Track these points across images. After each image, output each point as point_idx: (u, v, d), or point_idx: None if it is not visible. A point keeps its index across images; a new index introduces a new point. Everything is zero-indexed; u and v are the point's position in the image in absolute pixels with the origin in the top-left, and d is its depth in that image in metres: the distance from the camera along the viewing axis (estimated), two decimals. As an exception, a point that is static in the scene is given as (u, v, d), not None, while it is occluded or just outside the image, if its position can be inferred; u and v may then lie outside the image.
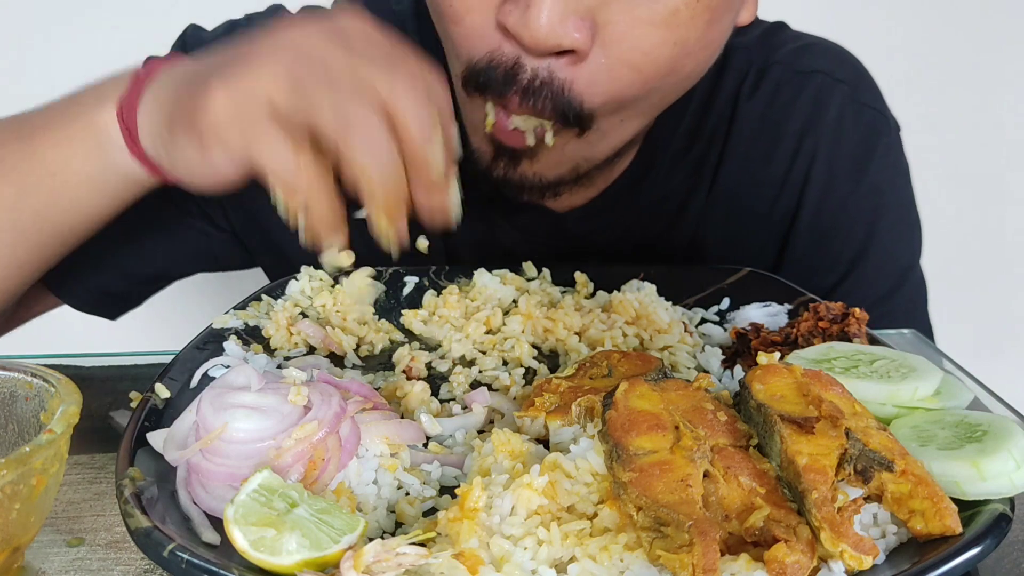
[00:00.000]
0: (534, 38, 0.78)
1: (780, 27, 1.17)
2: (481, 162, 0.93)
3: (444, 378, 0.84)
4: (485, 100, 0.87)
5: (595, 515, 0.58)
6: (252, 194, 0.80)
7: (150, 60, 1.12)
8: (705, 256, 1.13)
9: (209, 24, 1.15)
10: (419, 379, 0.82)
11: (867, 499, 0.57)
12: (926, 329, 1.15)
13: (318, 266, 0.99)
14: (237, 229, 1.15)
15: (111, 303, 1.15)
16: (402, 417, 0.74)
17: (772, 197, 1.11)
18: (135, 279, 1.14)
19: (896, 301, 1.12)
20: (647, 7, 0.80)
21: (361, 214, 0.66)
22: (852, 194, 1.11)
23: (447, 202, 0.68)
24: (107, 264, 1.07)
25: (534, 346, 0.90)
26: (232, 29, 1.13)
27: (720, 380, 0.82)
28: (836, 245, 1.12)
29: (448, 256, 1.12)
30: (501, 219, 1.11)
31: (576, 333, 0.90)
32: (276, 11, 1.16)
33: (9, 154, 0.84)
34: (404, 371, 0.84)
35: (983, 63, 1.97)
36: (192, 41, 1.12)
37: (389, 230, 0.66)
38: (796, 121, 1.10)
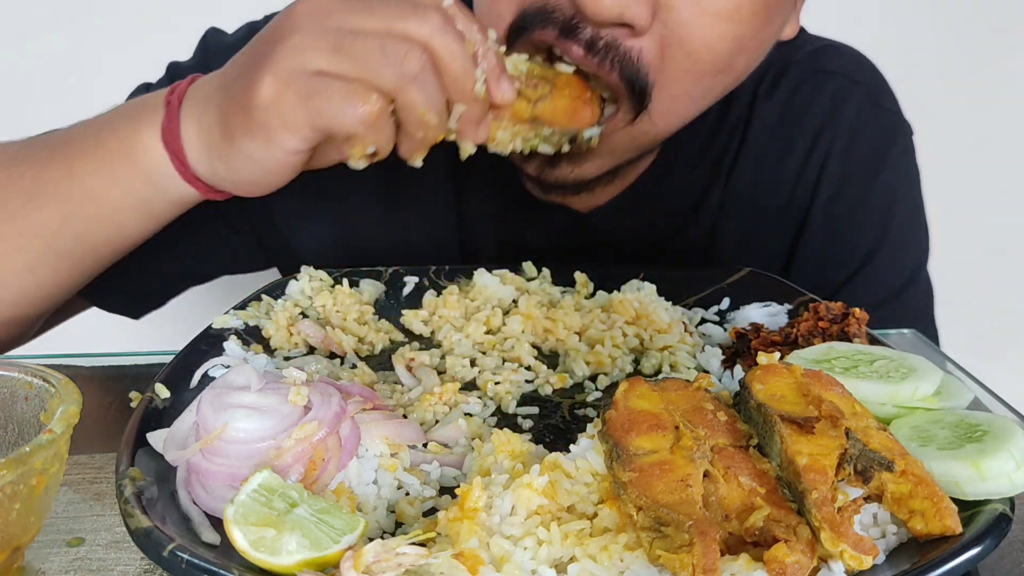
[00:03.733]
0: (597, 4, 0.79)
1: (798, 30, 1.17)
2: (516, 161, 0.94)
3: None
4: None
5: (595, 515, 0.58)
6: (270, 195, 0.81)
7: (173, 67, 1.13)
8: (720, 251, 1.14)
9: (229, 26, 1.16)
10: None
11: (867, 499, 0.57)
12: (932, 331, 1.15)
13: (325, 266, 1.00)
14: (257, 230, 1.16)
15: (138, 303, 1.16)
16: (404, 416, 0.74)
17: (787, 193, 1.12)
18: (163, 281, 1.15)
19: (904, 301, 1.13)
20: None
21: None
22: (866, 193, 1.12)
23: (487, 128, 0.76)
24: (135, 267, 1.07)
25: (534, 346, 0.90)
26: (252, 31, 1.12)
27: (720, 380, 0.82)
28: (847, 243, 1.13)
29: (470, 252, 1.12)
30: (524, 216, 1.12)
31: (576, 333, 0.90)
32: None
33: (50, 180, 0.84)
34: (406, 367, 0.84)
35: (983, 63, 1.97)
36: (213, 44, 1.13)
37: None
38: (814, 119, 1.11)
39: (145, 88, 1.12)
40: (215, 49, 1.12)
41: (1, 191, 0.85)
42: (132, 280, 1.09)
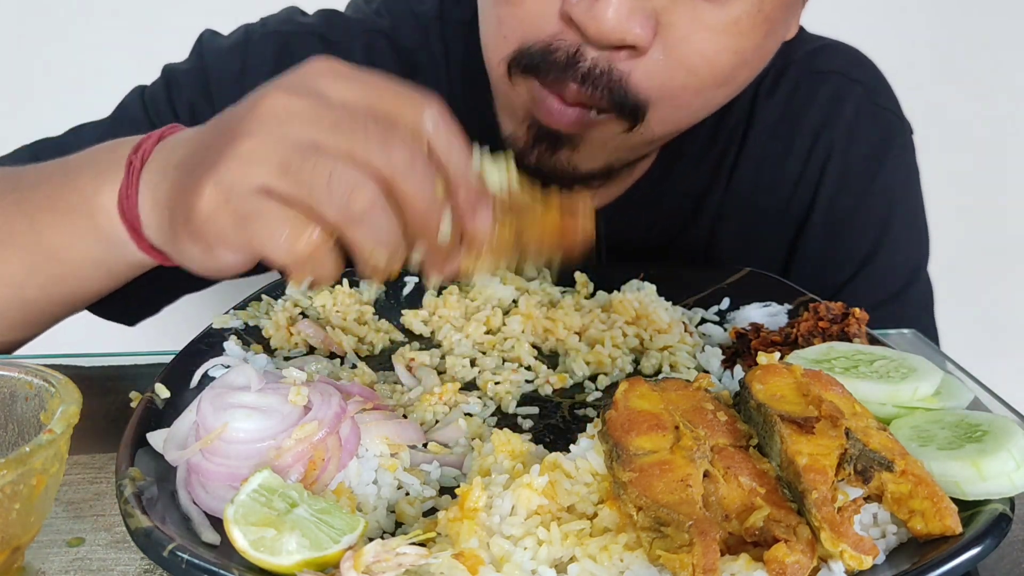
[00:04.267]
0: (600, 31, 0.79)
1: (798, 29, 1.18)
2: (515, 148, 0.94)
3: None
4: (531, 83, 0.87)
5: (595, 515, 0.58)
6: None
7: (168, 70, 1.11)
8: (720, 251, 1.14)
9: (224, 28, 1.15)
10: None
11: (867, 499, 0.57)
12: (932, 331, 1.15)
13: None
14: None
15: (132, 311, 1.16)
16: (405, 416, 0.74)
17: (787, 193, 1.13)
18: (157, 288, 1.15)
19: (905, 301, 1.14)
20: (712, 13, 0.82)
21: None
22: (866, 192, 1.12)
23: (457, 264, 0.65)
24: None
25: (534, 346, 0.90)
26: (248, 34, 1.12)
27: (720, 380, 0.82)
28: (848, 243, 1.13)
29: None
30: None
31: (576, 333, 0.90)
32: (291, 14, 1.15)
33: (16, 232, 0.83)
34: (406, 367, 0.84)
35: (982, 62, 1.97)
36: (208, 46, 1.12)
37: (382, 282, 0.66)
38: (813, 119, 1.12)
39: (140, 92, 1.12)
40: (211, 51, 1.11)
41: None
42: (127, 289, 1.09)
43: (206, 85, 1.09)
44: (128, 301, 1.11)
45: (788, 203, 1.13)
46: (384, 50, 1.11)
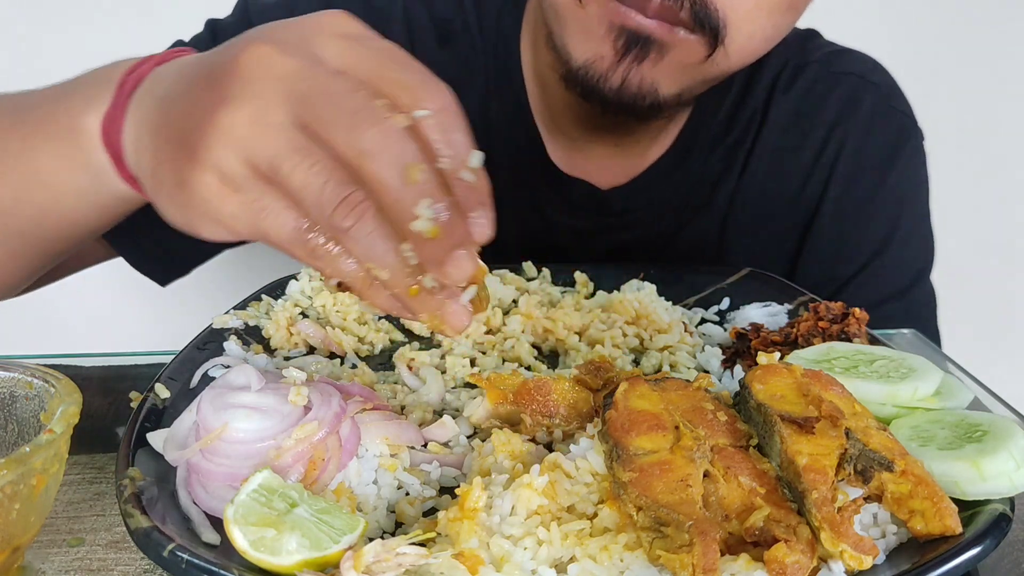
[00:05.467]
0: None
1: (815, 34, 1.21)
2: (595, 71, 0.94)
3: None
4: (609, 4, 0.88)
5: (595, 515, 0.58)
6: None
7: (211, 23, 1.10)
8: (731, 240, 1.16)
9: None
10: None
11: (867, 499, 0.57)
12: (934, 334, 1.16)
13: None
14: None
15: (165, 263, 1.12)
16: (405, 417, 0.74)
17: (799, 186, 1.14)
18: (188, 243, 1.11)
19: (909, 299, 1.15)
20: None
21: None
22: (877, 189, 1.14)
23: (465, 271, 0.54)
24: (169, 231, 1.03)
25: (534, 346, 0.90)
26: None
27: (720, 380, 0.82)
28: (858, 236, 1.14)
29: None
30: (546, 189, 1.14)
31: (576, 333, 0.90)
32: None
33: (8, 152, 0.78)
34: (407, 366, 0.84)
35: (982, 62, 1.97)
36: (254, 3, 1.12)
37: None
38: (828, 114, 1.14)
39: (178, 45, 1.10)
40: (255, 7, 1.11)
41: None
42: (162, 233, 1.03)
43: None
44: (162, 248, 1.08)
45: (799, 196, 1.14)
46: (421, 16, 1.13)
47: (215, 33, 1.11)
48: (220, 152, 0.55)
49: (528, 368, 0.87)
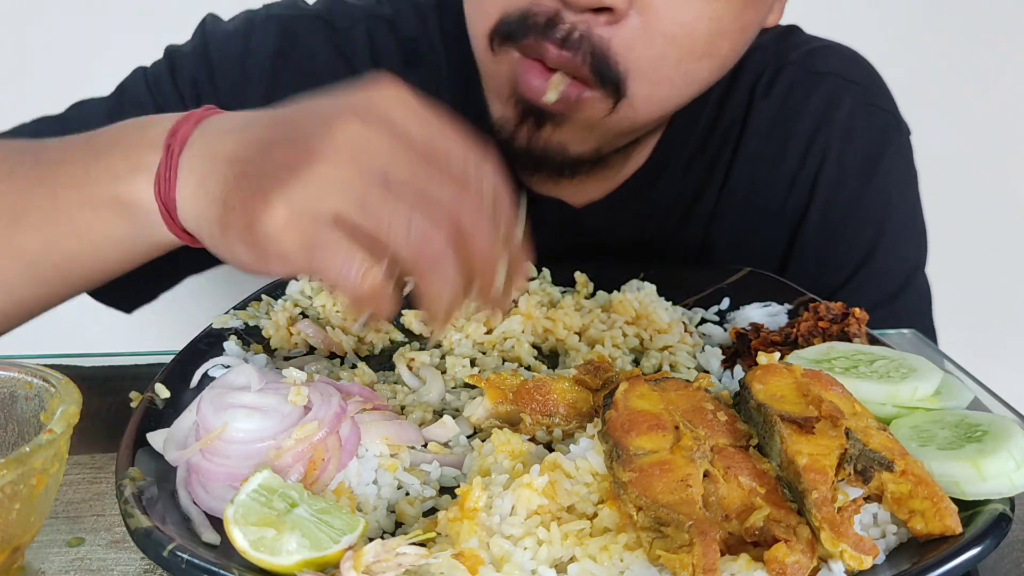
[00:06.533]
0: None
1: (794, 30, 1.18)
2: (504, 131, 0.94)
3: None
4: (512, 56, 0.88)
5: (595, 515, 0.58)
6: None
7: (171, 50, 1.10)
8: (715, 252, 1.14)
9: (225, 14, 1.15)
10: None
11: (867, 499, 0.57)
12: (930, 332, 1.15)
13: None
14: None
15: (130, 294, 1.13)
16: (405, 417, 0.74)
17: (783, 195, 1.12)
18: (155, 270, 1.13)
19: (902, 302, 1.13)
20: None
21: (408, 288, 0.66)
22: (862, 193, 1.12)
23: (503, 309, 0.71)
24: None
25: (534, 346, 0.90)
26: (251, 17, 1.11)
27: (720, 380, 0.82)
28: (845, 244, 1.12)
29: None
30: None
31: (576, 333, 0.90)
32: (294, 1, 1.15)
33: (35, 206, 0.81)
34: (408, 366, 0.84)
35: (981, 62, 1.97)
36: (211, 29, 1.12)
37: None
38: (808, 120, 1.11)
39: (143, 72, 1.11)
40: (213, 34, 1.11)
41: None
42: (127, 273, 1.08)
43: (209, 66, 1.09)
44: (127, 286, 1.10)
45: (784, 204, 1.12)
46: (386, 37, 1.12)
47: (173, 62, 1.10)
48: (305, 195, 0.61)
49: (528, 368, 0.87)
